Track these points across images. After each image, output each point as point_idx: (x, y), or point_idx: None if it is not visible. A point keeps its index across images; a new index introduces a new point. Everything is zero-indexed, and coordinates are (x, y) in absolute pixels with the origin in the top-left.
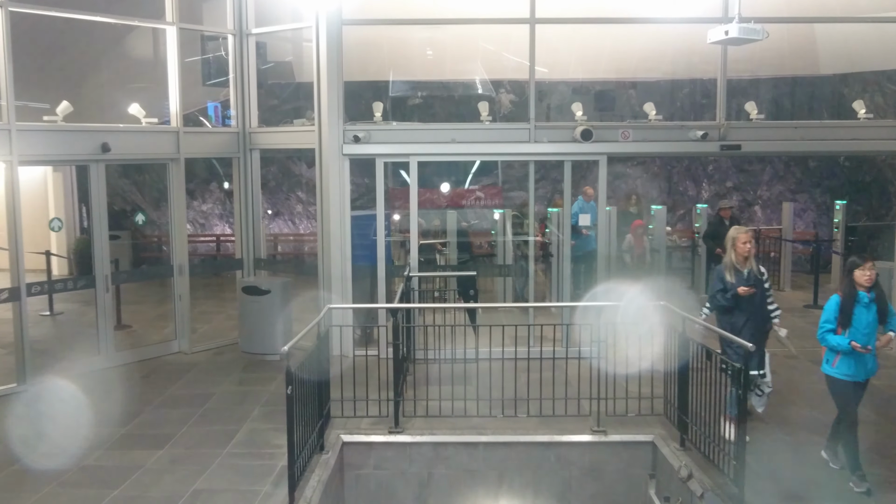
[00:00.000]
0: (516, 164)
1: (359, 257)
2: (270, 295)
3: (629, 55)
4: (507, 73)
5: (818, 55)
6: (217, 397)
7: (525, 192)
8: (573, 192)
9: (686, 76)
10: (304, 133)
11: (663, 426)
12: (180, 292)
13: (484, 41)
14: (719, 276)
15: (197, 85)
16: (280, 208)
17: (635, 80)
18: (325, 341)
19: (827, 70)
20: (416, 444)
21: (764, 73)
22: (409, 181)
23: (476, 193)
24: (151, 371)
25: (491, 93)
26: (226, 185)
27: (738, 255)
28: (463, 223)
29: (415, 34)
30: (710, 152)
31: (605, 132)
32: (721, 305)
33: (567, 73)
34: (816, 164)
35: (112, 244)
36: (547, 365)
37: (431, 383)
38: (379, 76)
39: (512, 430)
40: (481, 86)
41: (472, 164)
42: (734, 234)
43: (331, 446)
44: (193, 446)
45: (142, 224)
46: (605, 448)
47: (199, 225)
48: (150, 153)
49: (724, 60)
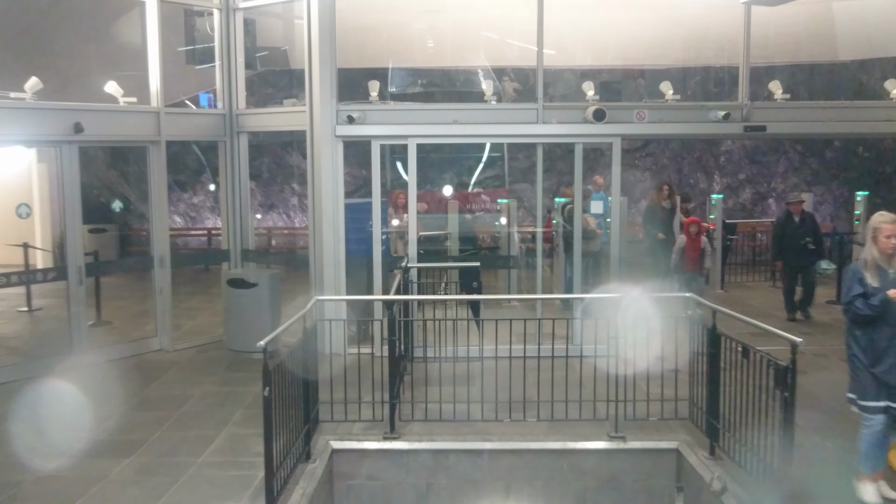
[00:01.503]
0: (520, 155)
1: (354, 248)
2: (258, 288)
3: (637, 41)
4: (510, 61)
5: (836, 40)
6: (196, 399)
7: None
8: (583, 180)
9: (697, 63)
10: (295, 114)
11: (688, 432)
12: (161, 286)
13: (486, 26)
14: (856, 278)
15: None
16: (274, 201)
17: (644, 67)
18: (313, 337)
19: (846, 56)
20: (413, 451)
21: (780, 60)
22: (408, 165)
23: (481, 197)
24: (128, 370)
25: (494, 79)
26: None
27: (881, 251)
28: (467, 216)
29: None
30: (733, 134)
31: (619, 113)
32: (862, 315)
33: (574, 59)
34: (834, 155)
35: (97, 237)
36: (559, 364)
37: (431, 384)
38: (377, 63)
39: (520, 435)
40: (483, 73)
41: (473, 157)
42: (876, 222)
43: (319, 454)
44: (165, 454)
45: (119, 211)
46: (623, 456)
47: (190, 218)
48: (127, 135)
49: (748, 32)
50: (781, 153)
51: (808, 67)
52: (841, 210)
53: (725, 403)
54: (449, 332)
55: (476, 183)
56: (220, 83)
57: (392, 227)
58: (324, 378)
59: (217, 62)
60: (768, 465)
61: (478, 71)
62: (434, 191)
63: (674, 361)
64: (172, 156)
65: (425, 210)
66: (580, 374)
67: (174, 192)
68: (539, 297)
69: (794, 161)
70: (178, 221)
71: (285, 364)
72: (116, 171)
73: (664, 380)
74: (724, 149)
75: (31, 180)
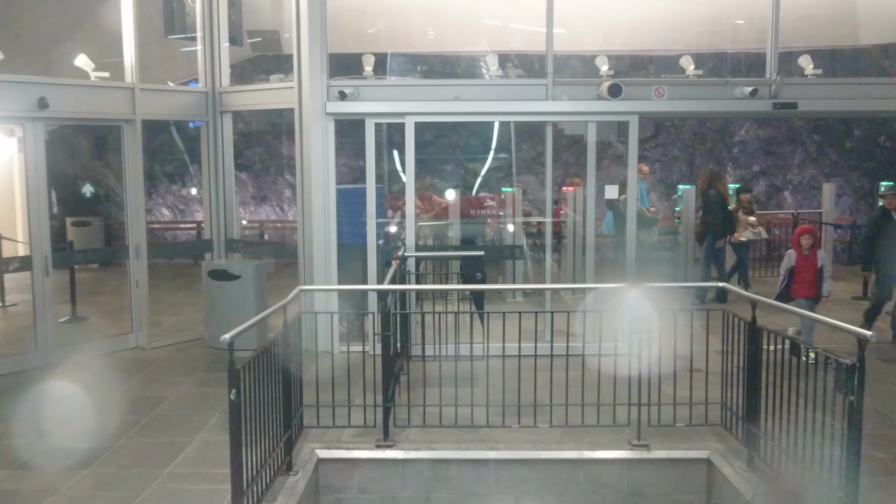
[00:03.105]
0: (525, 146)
1: (346, 237)
2: (241, 280)
3: (648, 26)
4: (514, 46)
5: (858, 24)
6: (170, 401)
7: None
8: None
9: (710, 49)
10: (283, 90)
11: (720, 439)
12: (137, 278)
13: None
14: None
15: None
16: (267, 193)
17: (653, 53)
18: (297, 331)
19: (867, 40)
20: (410, 460)
21: (798, 45)
22: (406, 146)
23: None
24: (98, 369)
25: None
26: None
27: None
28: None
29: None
30: (761, 111)
31: (636, 89)
32: None
33: (581, 45)
34: (854, 145)
35: (81, 230)
36: (574, 363)
37: (430, 385)
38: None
39: (530, 443)
40: (485, 59)
41: (479, 157)
42: None
43: (302, 464)
44: (128, 464)
45: (90, 196)
46: (647, 466)
47: (180, 211)
48: (99, 112)
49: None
50: (798, 143)
51: (829, 52)
52: (861, 203)
53: (767, 408)
54: (450, 328)
55: (482, 183)
56: (201, 58)
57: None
58: (310, 378)
59: (198, 34)
60: (825, 482)
61: (480, 54)
62: (436, 195)
63: (702, 359)
64: (160, 145)
65: (428, 213)
66: (598, 374)
67: (162, 184)
68: (549, 286)
69: (812, 152)
70: (166, 214)
71: (261, 362)
72: (101, 161)
73: (692, 381)
74: (737, 139)
75: (13, 173)
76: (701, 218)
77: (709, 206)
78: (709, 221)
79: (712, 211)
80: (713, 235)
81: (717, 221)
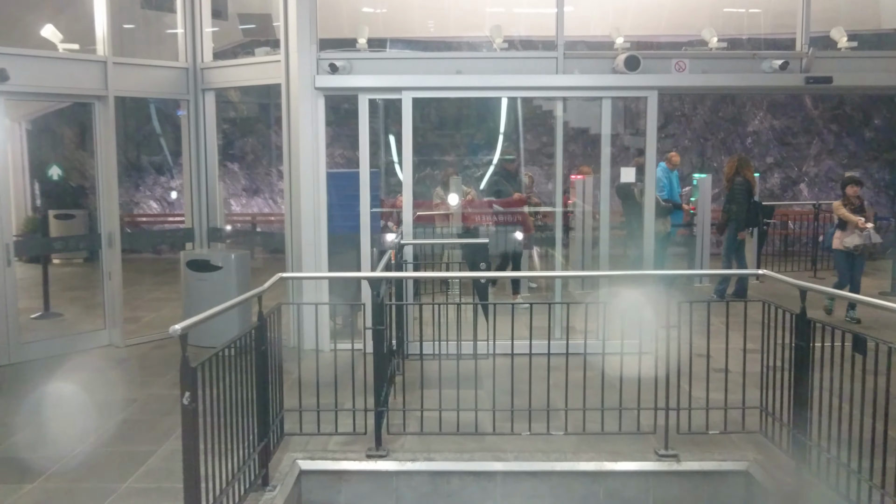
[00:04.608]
0: (529, 136)
1: (339, 225)
2: (223, 271)
3: (658, 10)
4: (518, 31)
5: (879, 6)
6: (138, 405)
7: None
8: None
9: (723, 34)
10: (269, 64)
11: (760, 449)
12: (110, 269)
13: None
14: None
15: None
16: (259, 185)
17: (662, 39)
18: (276, 324)
19: (890, 24)
20: (405, 473)
21: (818, 29)
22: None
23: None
24: (64, 369)
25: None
26: None
27: None
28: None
29: None
30: (792, 86)
31: (655, 62)
32: None
33: (587, 30)
34: (874, 136)
35: (65, 223)
36: (592, 362)
37: (429, 386)
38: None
39: (542, 453)
40: (490, 31)
41: (484, 160)
42: None
43: (281, 478)
44: (82, 477)
45: (57, 179)
46: (676, 480)
47: (168, 204)
48: (67, 87)
49: None
50: (814, 134)
51: (849, 37)
52: (882, 196)
53: (822, 413)
54: (451, 322)
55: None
56: (183, 31)
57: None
58: (294, 379)
59: (178, 3)
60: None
61: (484, 40)
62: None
63: (737, 358)
64: (147, 136)
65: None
66: (620, 374)
67: (150, 176)
68: (560, 274)
69: (829, 142)
70: (154, 207)
71: (227, 360)
72: (86, 151)
73: (727, 382)
74: (751, 129)
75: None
76: (723, 207)
77: (733, 195)
78: (732, 211)
79: (737, 199)
80: (735, 226)
81: (741, 211)
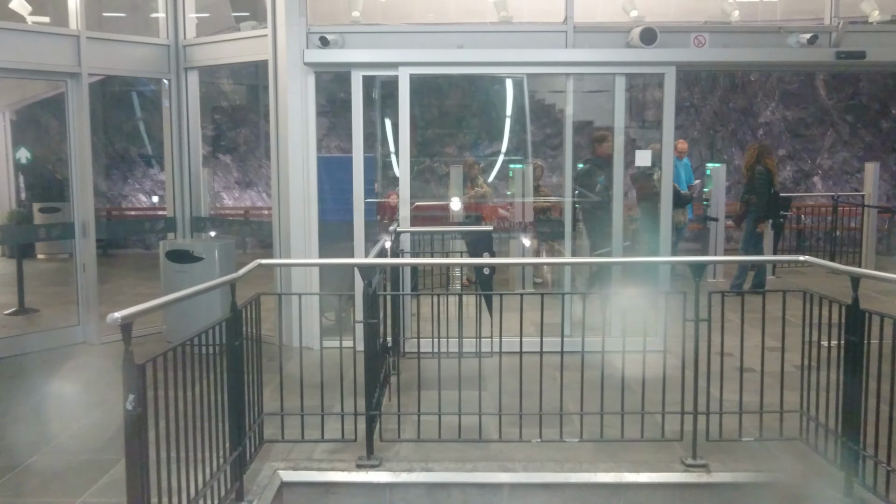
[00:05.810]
0: (532, 127)
1: (330, 212)
2: (205, 263)
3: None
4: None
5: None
6: (106, 408)
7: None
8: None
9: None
10: (255, 39)
11: (800, 458)
12: (84, 261)
13: None
14: None
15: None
16: (252, 178)
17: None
18: (256, 317)
19: None
20: (400, 484)
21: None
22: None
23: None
24: (30, 368)
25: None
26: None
27: None
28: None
29: None
30: (821, 62)
31: (672, 37)
32: None
33: (594, 16)
34: (891, 126)
35: (50, 217)
36: (610, 361)
37: (427, 387)
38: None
39: (555, 462)
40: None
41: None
42: None
43: (259, 491)
44: (30, 491)
45: (26, 163)
46: (706, 492)
47: (160, 198)
48: (36, 63)
49: None
50: (828, 125)
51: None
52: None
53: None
54: (452, 317)
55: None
56: (164, 5)
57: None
58: (276, 380)
59: None
60: None
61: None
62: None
63: (773, 356)
64: (134, 125)
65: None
66: (643, 374)
67: (139, 167)
68: (571, 260)
69: (844, 134)
70: (143, 201)
71: (188, 357)
72: None
73: (763, 384)
74: (762, 120)
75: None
76: (742, 197)
77: (753, 184)
78: (751, 201)
79: (757, 189)
80: (754, 217)
81: (761, 202)
